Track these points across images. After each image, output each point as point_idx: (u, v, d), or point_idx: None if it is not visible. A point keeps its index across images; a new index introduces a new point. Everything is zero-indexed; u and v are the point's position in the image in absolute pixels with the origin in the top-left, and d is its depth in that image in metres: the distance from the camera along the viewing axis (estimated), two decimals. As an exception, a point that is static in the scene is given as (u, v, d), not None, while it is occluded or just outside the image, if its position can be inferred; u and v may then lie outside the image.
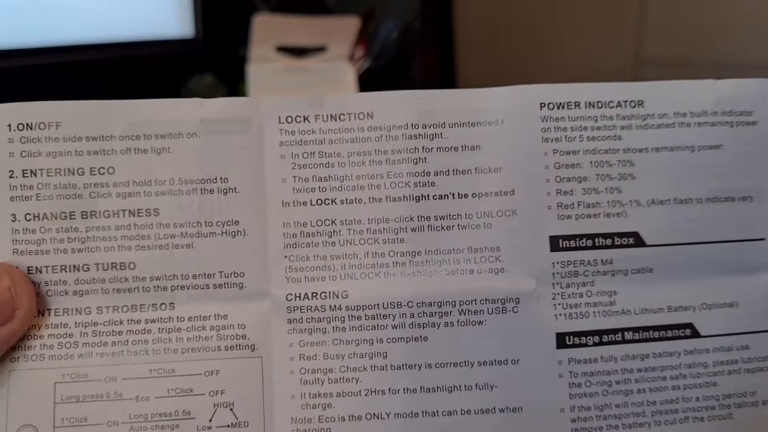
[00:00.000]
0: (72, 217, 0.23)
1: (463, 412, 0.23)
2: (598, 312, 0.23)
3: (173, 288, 0.23)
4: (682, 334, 0.24)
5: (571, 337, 0.23)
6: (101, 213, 0.23)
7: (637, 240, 0.23)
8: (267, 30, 0.54)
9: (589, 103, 0.23)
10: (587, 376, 0.23)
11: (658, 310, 0.24)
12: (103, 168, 0.23)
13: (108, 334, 0.23)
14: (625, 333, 0.23)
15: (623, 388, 0.23)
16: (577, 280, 0.23)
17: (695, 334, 0.24)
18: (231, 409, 0.23)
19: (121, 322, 0.23)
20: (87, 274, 0.23)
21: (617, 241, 0.23)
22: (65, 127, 0.23)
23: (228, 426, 0.23)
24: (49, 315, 0.23)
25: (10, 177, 0.23)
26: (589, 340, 0.23)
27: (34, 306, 0.22)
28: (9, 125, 0.23)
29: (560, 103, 0.23)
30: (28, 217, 0.23)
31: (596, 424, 0.23)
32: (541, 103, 0.23)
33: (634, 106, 0.24)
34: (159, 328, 0.23)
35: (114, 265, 0.23)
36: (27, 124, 0.23)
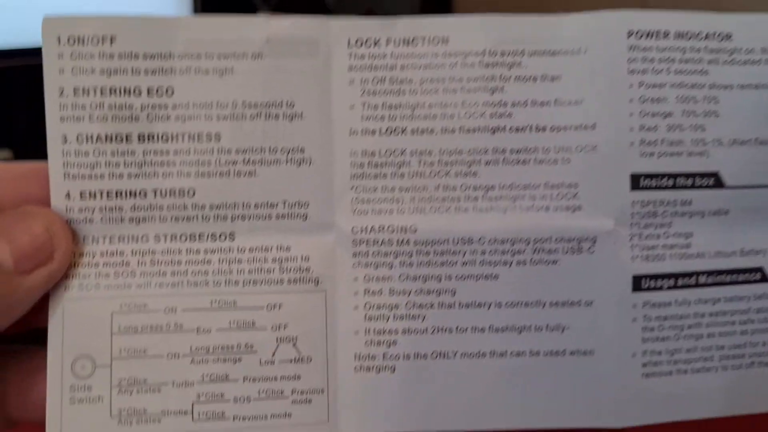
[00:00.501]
0: (128, 140, 0.21)
1: (532, 353, 0.22)
2: (674, 255, 0.22)
3: (234, 218, 0.22)
4: (753, 279, 0.23)
5: (647, 280, 0.22)
6: (159, 136, 0.21)
7: (716, 181, 0.22)
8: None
9: (679, 33, 0.22)
10: (660, 320, 0.22)
11: (731, 253, 0.23)
12: (162, 88, 0.21)
13: (167, 263, 0.22)
14: (699, 277, 0.23)
15: (694, 333, 0.23)
16: (655, 220, 0.22)
17: (764, 279, 0.23)
18: (294, 345, 0.22)
19: (179, 252, 0.22)
20: (144, 201, 0.22)
21: (698, 182, 0.22)
22: (121, 43, 0.21)
23: (291, 361, 0.22)
24: (105, 242, 0.22)
25: (60, 95, 0.21)
26: (665, 283, 0.22)
27: (71, 246, 0.21)
28: (58, 38, 0.21)
29: (649, 32, 0.22)
30: (80, 138, 0.21)
31: (666, 369, 0.23)
32: (629, 31, 0.22)
33: (722, 40, 0.22)
34: (219, 259, 0.22)
35: (172, 191, 0.22)
36: (78, 38, 0.21)
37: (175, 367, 0.21)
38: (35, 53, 0.21)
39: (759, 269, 0.23)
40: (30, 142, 0.21)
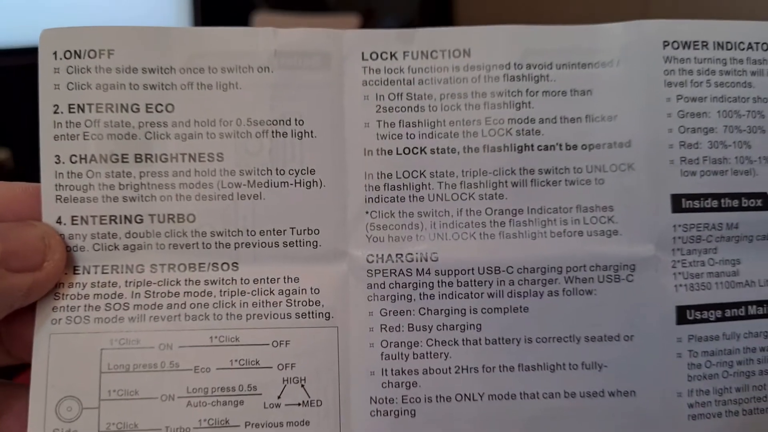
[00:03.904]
0: (124, 160, 0.20)
1: (567, 394, 0.20)
2: (721, 283, 0.20)
3: (237, 245, 0.20)
4: None
5: (693, 311, 0.20)
6: (158, 156, 0.20)
7: (765, 202, 0.21)
8: (267, 28, 0.53)
9: (718, 43, 0.20)
10: (708, 355, 0.20)
11: None
12: (161, 105, 0.20)
13: (163, 295, 0.20)
14: (749, 307, 0.21)
15: (745, 370, 0.20)
16: (699, 246, 0.20)
17: None
18: (302, 386, 0.20)
19: (178, 283, 0.20)
20: (140, 227, 0.20)
21: (744, 203, 0.21)
22: (119, 56, 0.20)
23: (299, 404, 0.20)
24: (96, 272, 0.20)
25: (55, 112, 0.20)
26: (711, 315, 0.20)
27: (63, 262, 0.19)
28: (55, 53, 0.20)
29: (686, 42, 0.20)
30: (73, 158, 0.20)
31: (714, 410, 0.20)
32: (664, 41, 0.20)
33: (766, 49, 0.21)
34: (221, 291, 0.20)
35: (171, 216, 0.20)
36: (75, 52, 0.20)
37: (170, 410, 0.19)
38: (35, 52, 0.20)
39: None
40: (30, 142, 0.20)
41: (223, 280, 0.20)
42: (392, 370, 0.20)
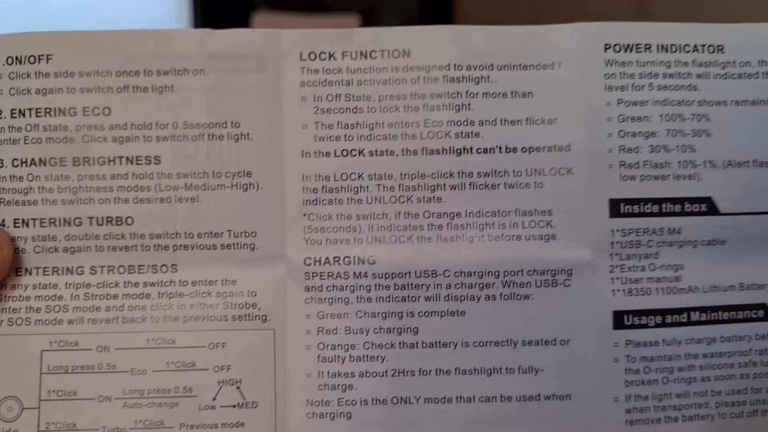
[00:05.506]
0: (62, 163, 0.20)
1: (503, 398, 0.20)
2: (662, 289, 0.20)
3: (176, 248, 0.20)
4: (754, 316, 0.21)
5: (630, 316, 0.20)
6: (95, 160, 0.20)
7: (710, 207, 0.20)
8: (266, 28, 0.53)
9: (662, 46, 0.20)
10: (646, 361, 0.20)
11: (729, 288, 0.21)
12: (98, 108, 0.20)
13: (102, 297, 0.20)
14: (692, 313, 0.20)
15: (686, 376, 0.20)
16: (639, 251, 0.20)
17: None
18: (238, 387, 0.20)
19: (116, 285, 0.20)
20: (79, 229, 0.20)
21: (687, 208, 0.20)
22: (57, 61, 0.20)
23: (234, 406, 0.20)
24: (38, 274, 0.20)
25: None
26: (651, 320, 0.20)
27: (11, 258, 0.20)
28: None
29: (628, 45, 0.20)
30: (15, 162, 0.20)
31: (653, 416, 0.20)
32: (605, 45, 0.20)
33: (713, 52, 0.20)
34: (159, 293, 0.20)
35: (109, 219, 0.20)
36: (16, 58, 0.20)
37: (107, 411, 0.20)
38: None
39: (761, 305, 0.21)
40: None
41: (161, 282, 0.20)
42: (329, 372, 0.20)
